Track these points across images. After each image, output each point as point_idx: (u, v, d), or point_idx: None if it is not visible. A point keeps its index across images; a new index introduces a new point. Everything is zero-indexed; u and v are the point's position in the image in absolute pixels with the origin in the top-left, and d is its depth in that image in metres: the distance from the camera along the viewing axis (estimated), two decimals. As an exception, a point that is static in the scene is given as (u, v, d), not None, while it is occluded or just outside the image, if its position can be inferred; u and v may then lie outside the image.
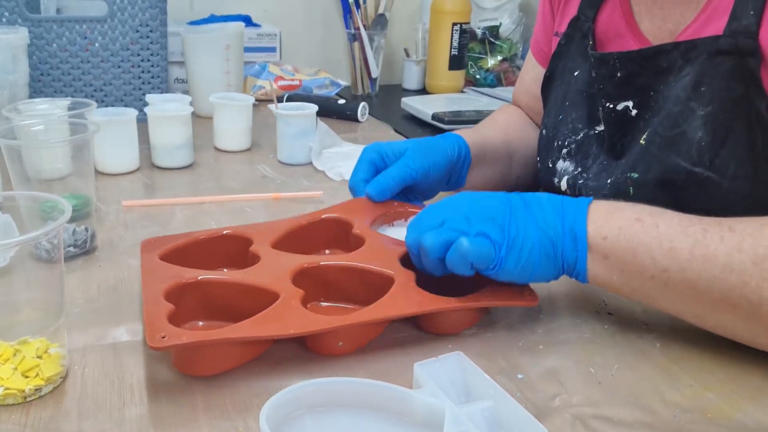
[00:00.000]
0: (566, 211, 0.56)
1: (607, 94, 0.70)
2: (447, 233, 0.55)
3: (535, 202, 0.57)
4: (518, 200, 0.57)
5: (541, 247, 0.55)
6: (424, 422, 0.43)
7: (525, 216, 0.56)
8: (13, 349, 0.48)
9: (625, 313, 0.62)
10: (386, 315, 0.54)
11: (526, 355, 0.56)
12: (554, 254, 0.56)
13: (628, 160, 0.67)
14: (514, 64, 1.70)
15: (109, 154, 0.95)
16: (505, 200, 0.57)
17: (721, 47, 0.60)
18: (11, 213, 0.55)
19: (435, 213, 0.58)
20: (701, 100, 0.61)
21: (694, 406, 0.50)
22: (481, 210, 0.56)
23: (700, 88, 0.61)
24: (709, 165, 0.61)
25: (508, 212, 0.56)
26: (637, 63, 0.67)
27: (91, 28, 1.16)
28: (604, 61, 0.70)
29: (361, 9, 1.58)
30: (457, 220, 0.56)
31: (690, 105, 0.62)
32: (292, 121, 1.02)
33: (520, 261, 0.55)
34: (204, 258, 0.63)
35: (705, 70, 0.61)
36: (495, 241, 0.54)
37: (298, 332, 0.51)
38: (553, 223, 0.56)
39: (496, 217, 0.55)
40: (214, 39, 1.26)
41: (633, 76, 0.68)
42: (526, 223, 0.55)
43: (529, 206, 0.57)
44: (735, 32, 0.59)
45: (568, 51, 0.78)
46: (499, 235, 0.54)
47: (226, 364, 0.52)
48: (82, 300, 0.62)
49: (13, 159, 0.66)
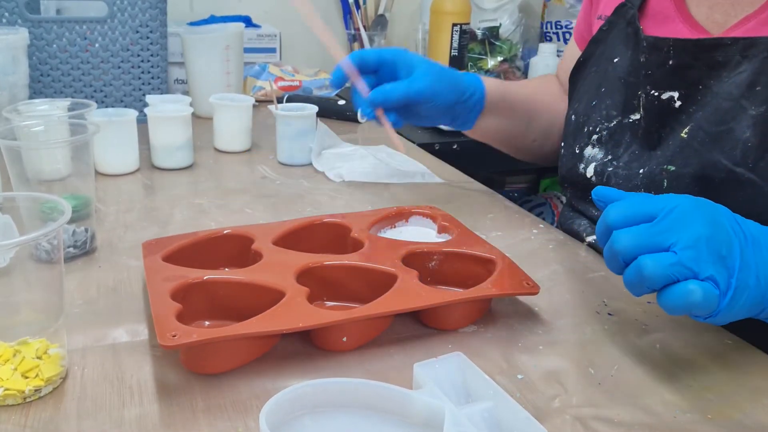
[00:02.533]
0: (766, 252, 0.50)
1: (654, 82, 0.68)
2: (676, 270, 0.46)
3: (756, 241, 0.49)
4: (746, 234, 0.49)
5: (753, 300, 0.48)
6: (424, 423, 0.43)
7: (749, 258, 0.48)
8: (12, 350, 0.48)
9: (625, 314, 0.62)
10: (392, 309, 0.55)
11: (526, 355, 0.56)
12: (760, 305, 0.49)
13: (665, 152, 0.66)
14: (514, 65, 1.70)
15: (109, 155, 0.95)
16: (737, 230, 0.49)
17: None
18: (11, 214, 0.55)
19: (663, 225, 0.48)
20: (755, 100, 0.60)
21: (694, 406, 0.50)
22: (714, 240, 0.47)
23: (755, 87, 0.60)
24: (752, 166, 0.59)
25: (738, 250, 0.48)
26: (692, 53, 0.65)
27: (91, 28, 1.16)
28: (658, 47, 0.68)
29: (361, 10, 1.58)
30: (689, 251, 0.46)
31: (742, 103, 0.60)
32: (292, 121, 1.02)
33: (731, 311, 0.48)
34: (205, 258, 0.63)
35: (763, 70, 0.60)
36: (722, 291, 0.47)
37: (307, 326, 0.52)
38: (763, 271, 0.48)
39: (726, 258, 0.47)
40: (214, 40, 1.26)
41: (685, 66, 0.66)
42: (748, 270, 0.48)
43: (754, 244, 0.49)
44: None
45: (608, 37, 0.76)
46: (725, 283, 0.47)
47: (235, 361, 0.52)
48: (81, 301, 0.62)
49: (13, 160, 0.66)
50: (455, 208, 0.82)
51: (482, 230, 0.78)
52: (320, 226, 0.70)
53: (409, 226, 0.74)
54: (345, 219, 0.70)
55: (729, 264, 0.47)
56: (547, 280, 0.68)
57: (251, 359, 0.53)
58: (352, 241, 0.66)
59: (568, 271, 0.70)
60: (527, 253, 0.74)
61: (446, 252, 0.65)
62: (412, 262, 0.62)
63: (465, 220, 0.74)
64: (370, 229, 0.69)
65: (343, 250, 0.66)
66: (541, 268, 0.70)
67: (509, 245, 0.76)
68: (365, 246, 0.64)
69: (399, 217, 0.74)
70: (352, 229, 0.68)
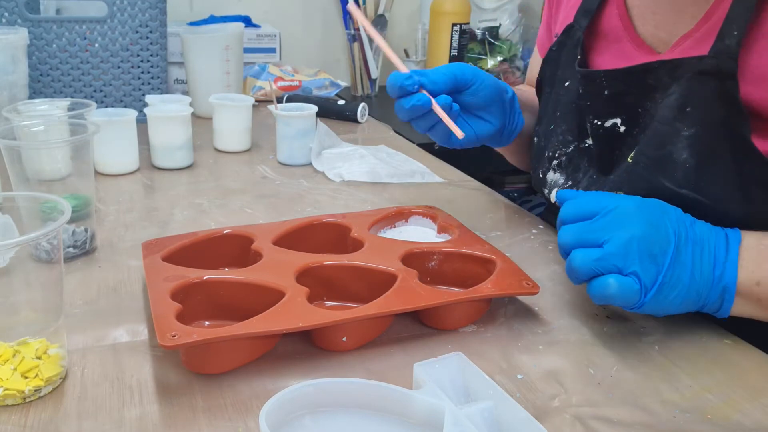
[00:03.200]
0: (718, 258, 0.54)
1: (595, 111, 0.69)
2: (600, 265, 0.53)
3: (699, 242, 0.54)
4: (689, 235, 0.54)
5: (686, 296, 0.54)
6: (424, 423, 0.43)
7: (685, 259, 0.53)
8: (12, 350, 0.48)
9: (624, 316, 0.62)
10: (392, 309, 0.55)
11: (526, 355, 0.56)
12: (697, 302, 0.55)
13: (617, 177, 0.66)
14: (514, 65, 1.70)
15: (108, 155, 0.95)
16: (678, 232, 0.54)
17: (705, 68, 0.58)
18: (11, 213, 0.55)
19: (600, 223, 0.54)
20: (686, 122, 0.60)
21: (693, 406, 0.50)
22: (646, 240, 0.53)
23: (685, 109, 0.60)
24: (694, 187, 0.59)
25: (673, 251, 0.53)
26: (624, 81, 0.66)
27: (91, 28, 1.16)
28: (591, 79, 0.68)
29: (360, 10, 1.58)
30: (617, 250, 0.52)
31: (675, 126, 0.60)
32: (292, 121, 1.02)
33: (659, 305, 0.54)
34: (205, 258, 0.64)
35: (690, 91, 0.60)
36: (645, 285, 0.52)
37: (307, 326, 0.52)
38: (707, 273, 0.54)
39: (658, 255, 0.53)
40: (214, 40, 1.26)
41: (620, 94, 0.66)
42: (683, 268, 0.53)
43: (695, 245, 0.54)
44: (719, 53, 0.58)
45: (558, 59, 0.76)
46: (651, 279, 0.52)
47: (235, 361, 0.52)
48: (81, 301, 0.62)
49: (13, 160, 0.66)
50: (455, 208, 0.82)
51: (482, 230, 0.78)
52: (320, 226, 0.70)
53: (409, 225, 0.74)
54: (345, 219, 0.70)
55: (659, 261, 0.53)
56: (547, 280, 0.68)
57: (251, 359, 0.53)
58: (352, 241, 0.67)
59: (567, 271, 0.70)
60: (527, 253, 0.75)
61: (446, 252, 0.65)
62: (412, 262, 0.62)
63: (465, 220, 0.74)
64: (370, 229, 0.69)
65: (343, 250, 0.66)
66: (540, 268, 0.71)
67: (509, 245, 0.76)
68: (365, 246, 0.64)
69: (399, 217, 0.74)
70: (352, 229, 0.68)
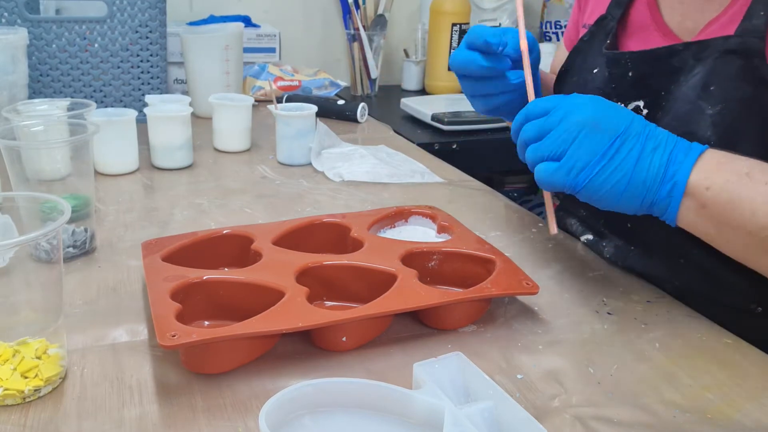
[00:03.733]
0: (675, 156, 0.55)
1: (620, 94, 0.70)
2: (539, 153, 0.56)
3: (654, 138, 0.56)
4: (643, 131, 0.56)
5: (630, 185, 0.55)
6: (424, 423, 0.43)
7: (632, 148, 0.55)
8: (12, 350, 0.48)
9: (625, 314, 0.62)
10: (392, 309, 0.55)
11: (526, 355, 0.56)
12: (644, 196, 0.55)
13: None
14: (514, 65, 1.70)
15: (108, 155, 0.95)
16: (629, 127, 0.55)
17: (730, 47, 0.60)
18: (11, 213, 0.55)
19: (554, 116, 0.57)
20: (710, 100, 0.61)
21: (694, 406, 0.50)
22: (591, 124, 0.55)
23: (709, 88, 0.61)
24: None
25: (618, 138, 0.55)
26: (649, 63, 0.67)
27: (91, 28, 1.16)
28: (617, 61, 0.70)
29: (360, 9, 1.58)
30: (556, 134, 0.55)
31: (699, 104, 0.62)
32: (292, 121, 1.02)
33: (598, 190, 0.55)
34: (205, 258, 0.64)
35: (714, 70, 0.61)
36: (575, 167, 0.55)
37: (307, 326, 0.52)
38: (656, 166, 0.55)
39: (600, 139, 0.55)
40: (214, 39, 1.26)
41: (645, 76, 0.67)
42: (627, 156, 0.55)
43: (648, 139, 0.55)
44: (745, 32, 0.59)
45: (589, 48, 0.78)
46: (583, 160, 0.54)
47: (234, 361, 0.52)
48: (81, 301, 0.62)
49: (13, 159, 0.66)
50: (455, 207, 0.82)
51: (482, 230, 0.78)
52: (320, 226, 0.70)
53: (409, 225, 0.74)
54: (345, 219, 0.70)
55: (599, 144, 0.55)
56: (547, 279, 0.68)
57: (251, 359, 0.53)
58: (352, 241, 0.66)
59: (567, 271, 0.70)
60: (527, 252, 0.75)
61: (446, 252, 0.65)
62: (412, 262, 0.62)
63: (464, 219, 0.74)
64: (370, 228, 0.69)
65: (343, 250, 0.66)
66: (540, 267, 0.71)
67: (508, 245, 0.76)
68: (365, 246, 0.64)
69: (399, 216, 0.74)
70: (352, 229, 0.68)
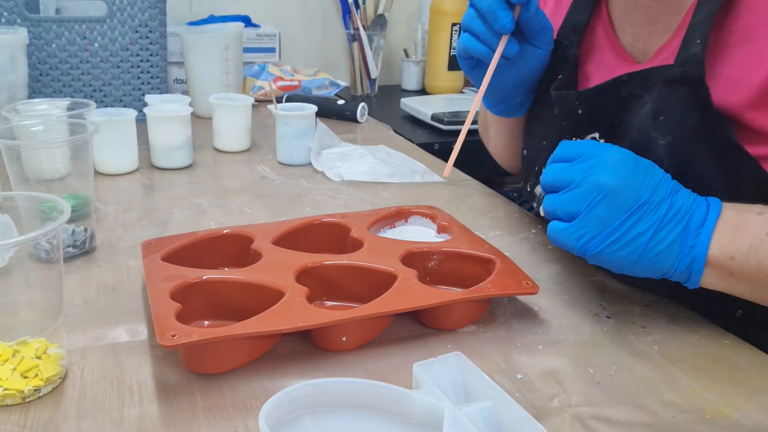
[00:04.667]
0: (692, 227, 0.54)
1: (573, 129, 0.68)
2: (555, 207, 0.56)
3: (675, 210, 0.54)
4: (665, 201, 0.54)
5: (642, 259, 0.54)
6: (424, 423, 0.43)
7: (650, 223, 0.53)
8: (12, 350, 0.48)
9: (624, 316, 0.62)
10: (392, 309, 0.55)
11: (525, 355, 0.56)
12: (658, 269, 0.55)
13: None
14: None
15: (108, 155, 0.95)
16: (652, 197, 0.54)
17: (673, 76, 0.59)
18: (10, 213, 0.55)
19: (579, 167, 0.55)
20: (662, 131, 0.60)
21: (693, 406, 0.50)
22: (613, 194, 0.53)
23: (659, 118, 0.60)
24: None
25: (635, 212, 0.53)
26: (595, 99, 0.66)
27: (91, 28, 1.16)
28: (563, 100, 0.68)
29: (360, 9, 1.58)
30: (576, 195, 0.54)
31: (651, 134, 0.61)
32: (292, 121, 1.02)
33: (609, 260, 0.55)
34: (205, 258, 0.64)
35: (662, 99, 0.60)
36: (586, 235, 0.54)
37: (307, 325, 0.52)
38: (674, 242, 0.54)
39: (616, 211, 0.53)
40: (214, 39, 1.26)
41: (594, 110, 0.66)
42: (642, 231, 0.53)
43: (669, 211, 0.54)
44: (685, 61, 0.58)
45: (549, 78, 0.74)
46: (595, 231, 0.54)
47: (234, 361, 0.52)
48: (81, 300, 0.62)
49: (12, 159, 0.66)
50: (455, 207, 0.82)
51: (481, 230, 0.78)
52: (320, 225, 0.70)
53: (409, 225, 0.74)
54: (344, 219, 0.70)
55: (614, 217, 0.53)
56: (547, 279, 0.68)
57: (251, 359, 0.53)
58: (352, 241, 0.67)
59: (567, 271, 0.70)
60: (526, 252, 0.75)
61: (445, 252, 0.65)
62: (412, 262, 0.62)
63: (464, 219, 0.74)
64: (370, 228, 0.69)
65: (343, 249, 0.66)
66: (540, 267, 0.71)
67: (508, 245, 0.76)
68: (365, 246, 0.64)
69: (398, 216, 0.74)
70: (352, 228, 0.68)
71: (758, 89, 0.57)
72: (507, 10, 0.63)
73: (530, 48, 0.70)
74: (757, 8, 0.57)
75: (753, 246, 0.53)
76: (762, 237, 0.53)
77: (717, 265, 0.54)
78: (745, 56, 0.58)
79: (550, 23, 0.69)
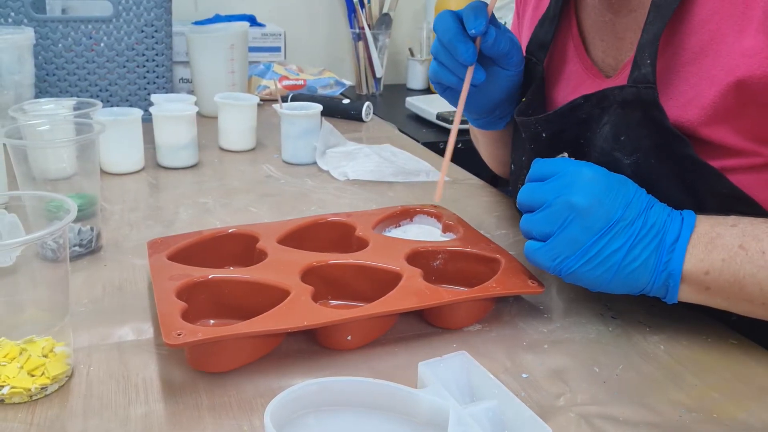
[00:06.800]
0: (666, 243, 0.54)
1: (541, 151, 0.68)
2: (530, 227, 0.57)
3: (648, 226, 0.54)
4: (639, 218, 0.54)
5: (618, 276, 0.54)
6: (429, 422, 0.43)
7: (624, 241, 0.53)
8: (19, 348, 0.48)
9: (629, 316, 0.62)
10: (397, 308, 0.55)
11: (531, 354, 0.56)
12: (635, 286, 0.55)
13: None
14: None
15: (114, 154, 0.95)
16: (625, 214, 0.54)
17: (627, 97, 0.58)
18: (17, 212, 0.55)
19: (551, 185, 0.56)
20: (624, 150, 0.60)
21: (699, 405, 0.50)
22: (585, 213, 0.54)
23: (619, 138, 0.60)
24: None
25: (608, 230, 0.53)
26: (556, 122, 0.65)
27: (97, 28, 1.16)
28: (527, 125, 0.68)
29: (365, 8, 1.58)
30: (548, 215, 0.55)
31: (615, 155, 0.60)
32: (297, 120, 1.02)
33: (584, 278, 0.55)
34: (210, 257, 0.64)
35: (619, 121, 0.60)
36: (560, 255, 0.54)
37: (312, 324, 0.52)
38: (648, 258, 0.54)
39: (589, 230, 0.53)
40: (219, 39, 1.26)
41: (557, 132, 0.66)
42: (616, 249, 0.54)
43: (643, 228, 0.54)
44: (637, 81, 0.58)
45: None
46: (569, 251, 0.54)
47: (240, 360, 0.52)
48: (87, 299, 0.62)
49: (19, 159, 0.67)
50: (460, 206, 0.82)
51: (487, 229, 0.78)
52: (325, 225, 0.70)
53: (414, 225, 0.74)
54: (349, 218, 0.70)
55: (587, 236, 0.54)
56: (552, 279, 0.68)
57: (256, 358, 0.53)
58: (357, 240, 0.67)
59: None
60: (532, 252, 0.74)
61: (451, 251, 0.65)
62: (417, 261, 0.62)
63: (470, 218, 0.74)
64: (375, 228, 0.69)
65: (348, 249, 0.66)
66: (545, 267, 0.70)
67: (514, 244, 0.76)
68: (370, 245, 0.64)
69: (403, 216, 0.74)
70: (357, 228, 0.68)
71: (710, 108, 0.56)
72: (467, 42, 0.64)
73: (500, 70, 0.70)
74: (706, 26, 0.57)
75: (726, 260, 0.53)
76: (735, 250, 0.53)
77: (693, 280, 0.54)
78: (696, 74, 0.57)
79: (517, 44, 0.69)
